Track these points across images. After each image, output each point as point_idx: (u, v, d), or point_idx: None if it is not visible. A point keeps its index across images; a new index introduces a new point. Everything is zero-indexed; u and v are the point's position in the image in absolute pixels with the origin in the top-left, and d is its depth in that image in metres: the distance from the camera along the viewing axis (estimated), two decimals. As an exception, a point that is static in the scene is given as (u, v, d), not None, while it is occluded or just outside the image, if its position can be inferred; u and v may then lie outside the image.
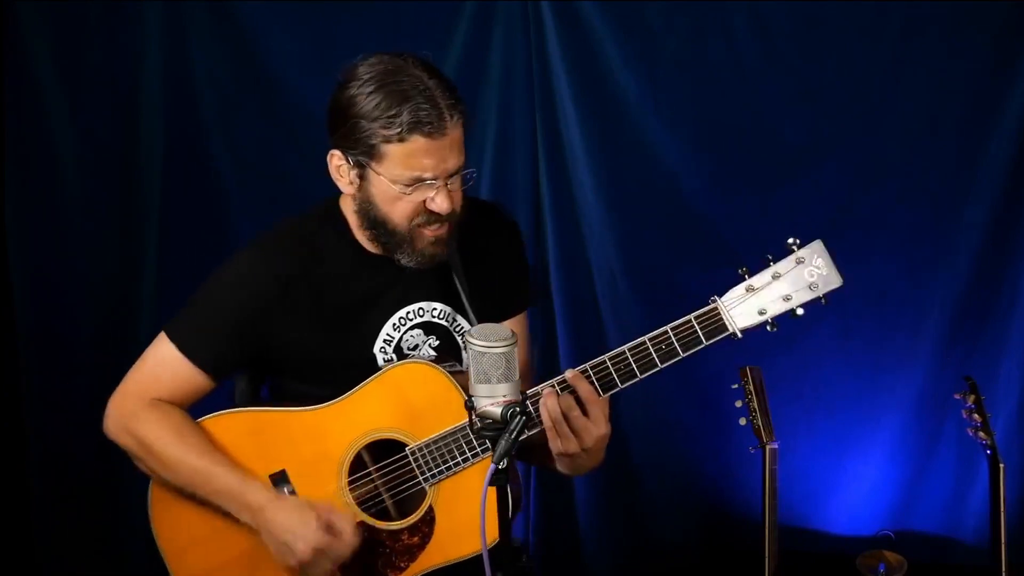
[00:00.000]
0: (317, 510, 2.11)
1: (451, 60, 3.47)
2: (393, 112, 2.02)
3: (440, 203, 2.08)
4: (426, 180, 2.06)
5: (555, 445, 2.05)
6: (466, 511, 2.12)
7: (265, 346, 2.19)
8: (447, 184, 2.08)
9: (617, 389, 2.08)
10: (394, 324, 2.21)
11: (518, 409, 1.82)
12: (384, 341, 2.21)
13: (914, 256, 3.42)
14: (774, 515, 2.93)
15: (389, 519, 2.19)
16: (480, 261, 2.26)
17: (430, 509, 2.17)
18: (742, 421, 2.98)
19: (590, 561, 3.66)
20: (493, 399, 1.83)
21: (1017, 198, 3.33)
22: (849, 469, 3.52)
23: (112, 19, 3.53)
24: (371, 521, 2.19)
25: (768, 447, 2.94)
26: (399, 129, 2.02)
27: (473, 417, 1.86)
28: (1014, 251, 3.36)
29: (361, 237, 2.20)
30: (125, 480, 3.64)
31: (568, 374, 2.05)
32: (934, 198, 3.39)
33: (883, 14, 3.32)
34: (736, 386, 2.99)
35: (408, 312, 2.22)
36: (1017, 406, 3.39)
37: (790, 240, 2.02)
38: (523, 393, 1.89)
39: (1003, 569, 2.88)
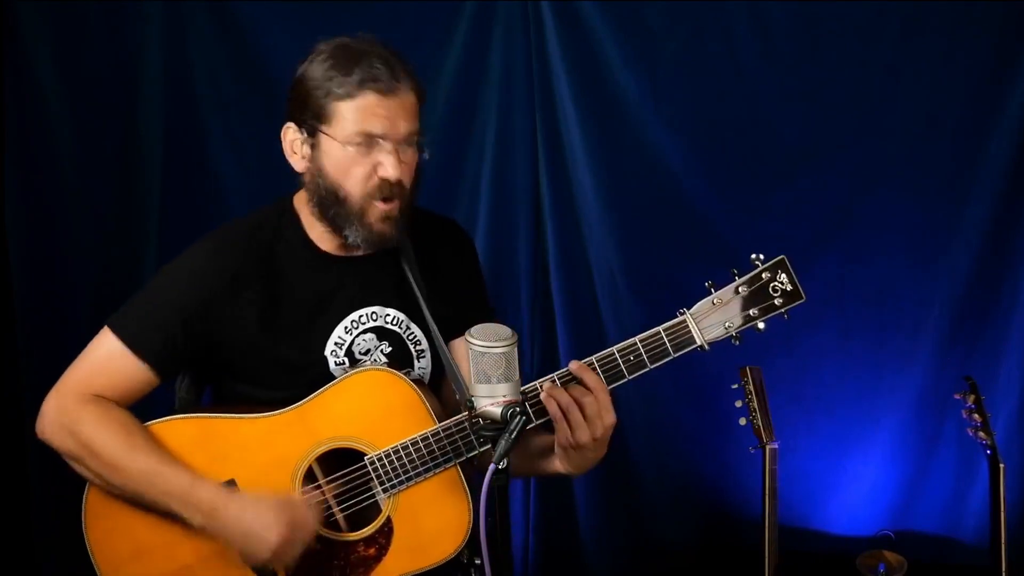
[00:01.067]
0: (270, 497, 2.05)
1: (451, 60, 3.47)
2: (345, 71, 2.04)
3: (390, 168, 2.04)
4: (375, 137, 2.03)
5: (565, 437, 2.01)
6: (428, 522, 2.10)
7: (212, 343, 2.12)
8: (398, 149, 2.06)
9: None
10: (346, 327, 2.16)
11: (518, 409, 1.82)
12: (335, 344, 2.16)
13: (914, 256, 3.42)
14: (774, 515, 2.93)
15: (340, 530, 2.13)
16: (438, 274, 2.23)
17: (388, 520, 2.11)
18: (742, 421, 2.98)
19: (590, 561, 3.66)
20: (493, 399, 1.83)
21: (1017, 198, 3.33)
22: (849, 469, 3.52)
23: (112, 19, 3.52)
24: (325, 532, 2.12)
25: (768, 447, 2.94)
26: (350, 86, 2.03)
27: (473, 416, 1.86)
28: (1014, 251, 3.36)
29: (315, 235, 2.17)
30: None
31: (572, 366, 2.02)
32: (934, 198, 3.39)
33: (883, 14, 3.32)
34: (736, 386, 2.99)
35: (361, 316, 2.17)
36: (1017, 406, 3.39)
37: (753, 256, 2.07)
38: (523, 393, 1.89)
39: (1003, 569, 2.89)
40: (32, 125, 3.53)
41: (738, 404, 2.98)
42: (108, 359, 2.12)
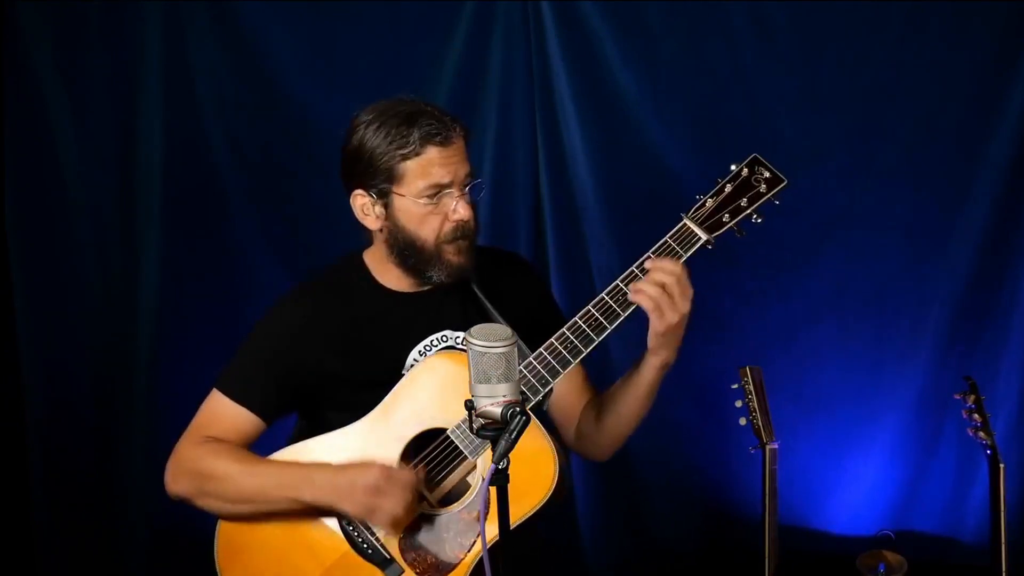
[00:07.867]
0: (371, 464, 2.21)
1: (451, 60, 3.47)
2: (404, 132, 2.20)
3: (461, 211, 2.22)
4: (444, 186, 2.21)
5: (659, 322, 2.15)
6: (518, 473, 2.09)
7: (303, 382, 2.32)
8: (463, 192, 2.23)
9: (608, 331, 2.19)
10: (420, 351, 2.32)
11: (518, 409, 1.82)
12: (411, 366, 2.31)
13: (914, 256, 3.42)
14: (774, 515, 2.93)
15: (447, 503, 2.26)
16: (503, 303, 2.35)
17: (483, 481, 2.20)
18: (742, 421, 2.98)
19: (590, 561, 3.66)
20: (493, 399, 1.84)
21: (1017, 198, 3.33)
22: (849, 469, 3.51)
23: (112, 19, 3.53)
24: (429, 510, 2.24)
25: (768, 447, 2.94)
26: (414, 145, 2.19)
27: (473, 417, 1.86)
28: (1014, 251, 3.36)
29: (386, 280, 2.34)
30: (125, 483, 3.64)
31: (648, 263, 2.19)
32: (934, 198, 3.38)
33: (883, 13, 3.32)
34: (736, 386, 2.99)
35: (433, 340, 2.33)
36: (1017, 406, 3.39)
37: (733, 166, 2.26)
38: (523, 393, 1.89)
39: (1003, 569, 2.88)
40: (32, 125, 3.53)
41: (738, 404, 2.98)
42: (217, 414, 2.32)
